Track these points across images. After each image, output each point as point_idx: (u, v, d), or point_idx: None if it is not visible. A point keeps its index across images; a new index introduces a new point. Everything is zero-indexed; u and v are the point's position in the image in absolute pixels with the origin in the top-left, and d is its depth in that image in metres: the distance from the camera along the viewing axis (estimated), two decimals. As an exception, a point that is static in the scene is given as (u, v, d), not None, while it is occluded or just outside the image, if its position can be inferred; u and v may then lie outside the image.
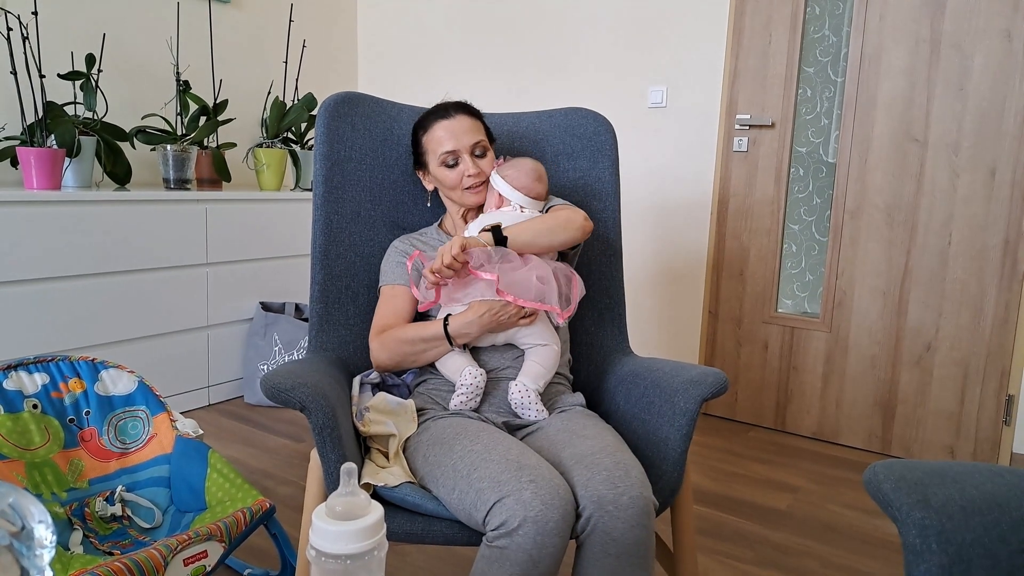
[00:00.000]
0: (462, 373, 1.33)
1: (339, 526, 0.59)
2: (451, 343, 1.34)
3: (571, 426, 1.26)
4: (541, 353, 1.38)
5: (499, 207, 1.45)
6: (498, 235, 1.35)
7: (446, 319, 1.34)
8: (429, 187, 1.53)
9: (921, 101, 2.37)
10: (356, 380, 1.39)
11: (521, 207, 1.42)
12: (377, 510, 0.62)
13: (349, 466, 0.63)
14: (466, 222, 1.50)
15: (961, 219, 2.34)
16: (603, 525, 1.06)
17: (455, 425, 1.24)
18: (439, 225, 1.56)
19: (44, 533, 0.39)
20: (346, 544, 0.59)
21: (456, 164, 1.44)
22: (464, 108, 1.48)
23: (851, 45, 2.47)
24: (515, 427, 1.34)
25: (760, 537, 1.92)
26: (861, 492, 2.23)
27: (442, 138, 1.44)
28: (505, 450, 1.12)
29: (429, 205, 1.61)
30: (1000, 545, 0.81)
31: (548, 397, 1.39)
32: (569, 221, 1.39)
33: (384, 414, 1.31)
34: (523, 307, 1.32)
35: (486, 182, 1.46)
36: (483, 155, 1.46)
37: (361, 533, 0.60)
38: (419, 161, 1.51)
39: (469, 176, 1.44)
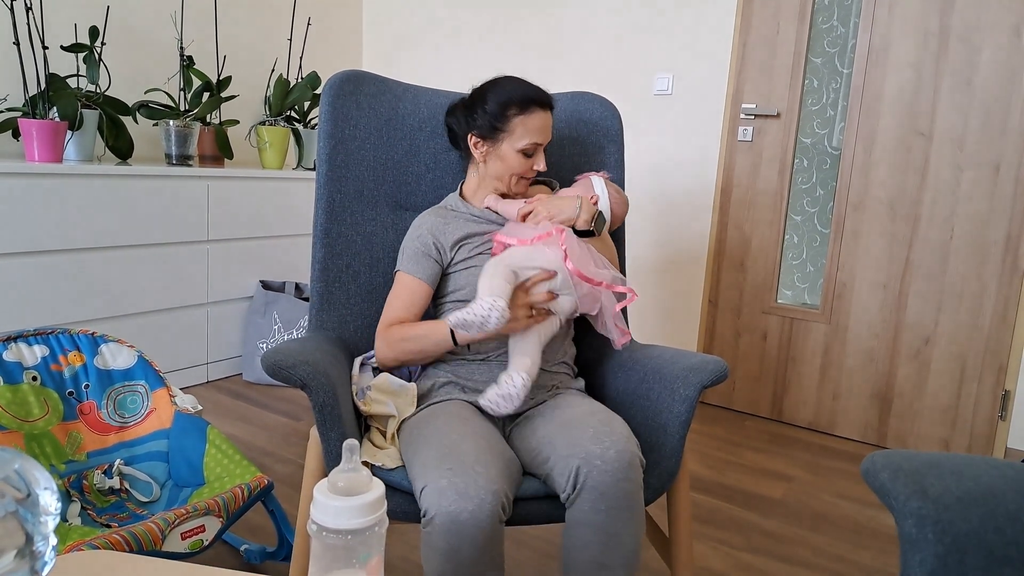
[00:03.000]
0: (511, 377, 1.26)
1: (341, 501, 0.60)
2: (455, 343, 1.32)
3: (560, 403, 1.31)
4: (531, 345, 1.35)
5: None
6: (599, 222, 1.41)
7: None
8: (479, 157, 1.45)
9: (928, 95, 2.36)
10: (357, 360, 1.40)
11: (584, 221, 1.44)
12: (379, 487, 0.63)
13: (351, 442, 0.63)
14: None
15: (963, 214, 2.34)
16: (592, 480, 1.09)
17: (436, 410, 1.27)
18: (461, 195, 1.51)
19: (50, 500, 0.39)
20: (348, 519, 0.60)
21: (532, 155, 1.42)
22: (552, 104, 1.45)
23: (859, 37, 2.45)
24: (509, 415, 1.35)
25: (754, 525, 1.93)
26: (855, 483, 2.24)
27: (538, 128, 1.41)
28: (447, 433, 1.15)
29: (464, 172, 1.56)
30: (995, 536, 0.82)
31: (552, 386, 1.40)
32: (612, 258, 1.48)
33: (386, 394, 1.31)
34: (540, 307, 1.33)
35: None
36: (545, 150, 1.47)
37: (363, 509, 0.60)
38: (490, 130, 1.41)
39: (535, 169, 1.44)
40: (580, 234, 1.38)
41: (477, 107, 1.43)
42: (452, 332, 1.29)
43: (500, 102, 1.40)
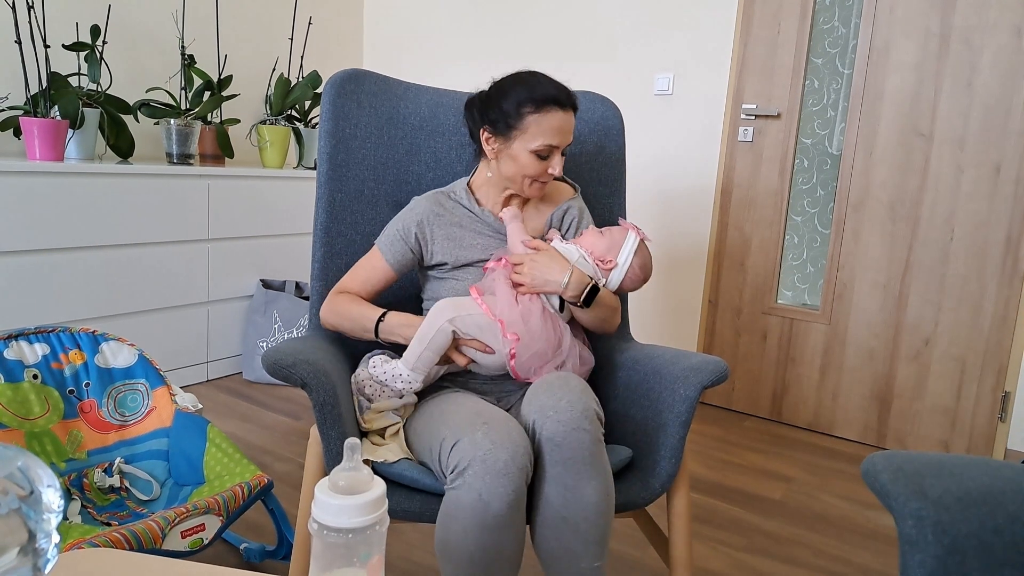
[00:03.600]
0: (385, 370, 1.29)
1: (342, 500, 0.60)
2: (376, 336, 1.32)
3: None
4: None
5: (582, 244, 1.38)
6: (590, 294, 1.31)
7: (384, 313, 1.33)
8: (491, 154, 1.38)
9: (928, 95, 2.36)
10: (365, 360, 1.38)
11: (598, 265, 1.36)
12: (379, 485, 0.63)
13: (353, 441, 0.63)
14: (504, 205, 1.44)
15: (964, 215, 2.34)
16: (547, 431, 1.10)
17: (440, 397, 1.31)
18: (468, 185, 1.46)
19: (53, 497, 0.40)
20: (349, 518, 0.59)
21: (547, 158, 1.34)
22: (575, 103, 1.36)
23: (860, 37, 2.45)
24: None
25: (753, 525, 1.93)
26: (854, 483, 2.24)
27: (554, 129, 1.31)
28: (472, 404, 1.19)
29: (474, 168, 1.50)
30: (995, 538, 0.82)
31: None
32: (615, 318, 1.41)
33: (385, 411, 1.31)
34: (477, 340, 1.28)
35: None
36: (564, 153, 1.38)
37: (364, 507, 0.60)
38: (504, 127, 1.34)
39: (550, 173, 1.35)
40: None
41: (493, 101, 1.36)
42: (376, 333, 1.32)
43: (516, 98, 1.32)
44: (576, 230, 1.47)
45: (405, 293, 1.53)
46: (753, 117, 2.66)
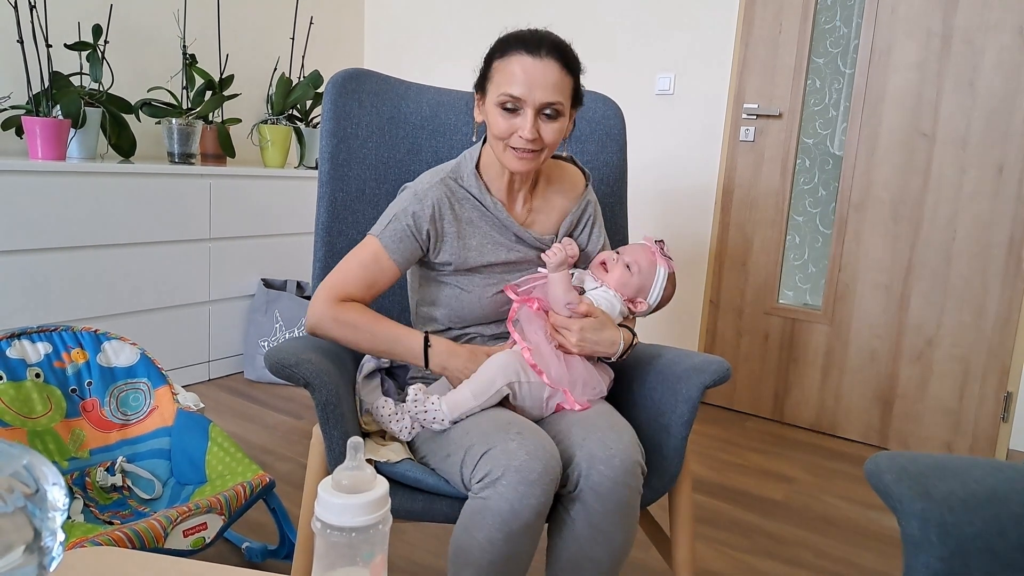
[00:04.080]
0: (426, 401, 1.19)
1: (345, 499, 0.59)
2: (426, 365, 1.20)
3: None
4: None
5: (606, 279, 1.31)
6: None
7: (427, 337, 1.21)
8: (478, 118, 1.25)
9: (930, 95, 2.36)
10: (363, 364, 1.38)
11: (628, 306, 1.32)
12: (383, 484, 0.62)
13: (356, 440, 0.63)
14: (512, 188, 1.30)
15: (967, 215, 2.33)
16: (592, 482, 1.08)
17: None
18: (476, 167, 1.29)
19: (58, 495, 0.39)
20: (352, 517, 0.59)
21: (515, 112, 1.16)
22: (559, 52, 1.17)
23: (862, 37, 2.45)
24: None
25: (756, 526, 1.93)
26: (857, 484, 2.24)
27: (514, 76, 1.15)
28: (496, 414, 1.16)
29: (474, 140, 1.37)
30: (999, 539, 0.81)
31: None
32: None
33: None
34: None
35: (542, 150, 1.20)
36: (553, 118, 1.17)
37: (367, 506, 0.60)
38: (482, 82, 1.23)
39: (521, 137, 1.16)
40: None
41: (483, 65, 1.25)
42: (426, 355, 1.19)
43: (492, 48, 1.21)
44: (593, 228, 1.39)
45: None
46: (754, 117, 2.65)
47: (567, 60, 1.18)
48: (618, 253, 1.34)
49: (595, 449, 1.10)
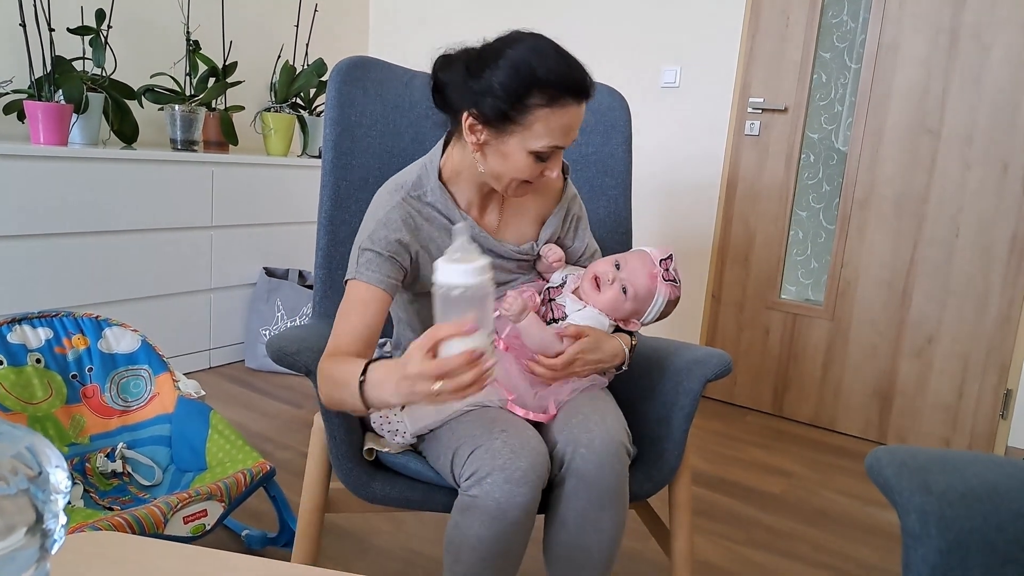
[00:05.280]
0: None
1: (463, 265, 0.83)
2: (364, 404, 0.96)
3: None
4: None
5: (593, 299, 1.22)
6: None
7: (365, 368, 0.96)
8: (474, 146, 1.10)
9: (937, 92, 2.34)
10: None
11: (613, 320, 1.24)
12: (484, 259, 0.86)
13: (460, 226, 0.88)
14: (482, 205, 1.22)
15: (970, 213, 2.33)
16: (575, 466, 1.07)
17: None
18: (441, 179, 1.18)
19: (61, 478, 0.39)
20: (471, 276, 0.84)
21: (546, 159, 1.08)
22: (590, 94, 1.07)
23: (869, 32, 2.44)
24: None
25: (754, 520, 1.94)
26: (855, 479, 2.24)
27: (565, 128, 1.06)
28: (483, 412, 1.15)
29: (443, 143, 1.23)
30: (998, 534, 0.82)
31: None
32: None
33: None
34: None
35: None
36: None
37: (479, 269, 0.85)
38: (498, 116, 1.05)
39: (543, 177, 1.11)
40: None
41: (486, 75, 1.05)
42: (362, 392, 0.96)
43: (520, 80, 1.02)
44: (578, 225, 1.32)
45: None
46: (760, 111, 2.64)
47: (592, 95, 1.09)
48: (616, 267, 1.23)
49: (577, 432, 1.09)
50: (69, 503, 1.38)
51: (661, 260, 1.23)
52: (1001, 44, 2.23)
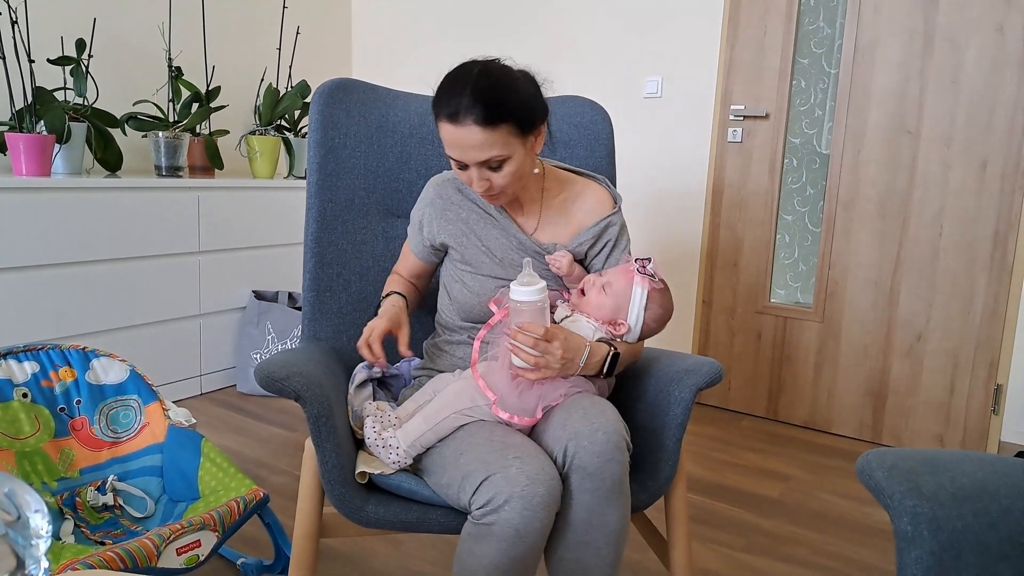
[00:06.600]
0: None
1: (528, 287, 1.15)
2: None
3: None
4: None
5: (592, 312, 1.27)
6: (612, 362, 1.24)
7: (386, 296, 1.38)
8: None
9: (914, 94, 2.37)
10: (355, 374, 1.38)
11: (608, 331, 1.27)
12: (541, 282, 1.17)
13: (527, 260, 1.18)
14: (519, 205, 1.36)
15: (952, 211, 2.35)
16: (579, 459, 1.09)
17: (457, 421, 1.24)
18: None
19: (40, 522, 0.39)
20: (536, 294, 1.15)
21: (465, 168, 1.21)
22: (479, 109, 1.13)
23: (845, 37, 2.47)
24: None
25: (752, 525, 1.93)
26: (852, 481, 2.24)
27: (449, 143, 1.19)
28: (489, 433, 1.15)
29: None
30: (990, 532, 0.82)
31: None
32: (639, 355, 1.38)
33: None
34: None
35: (502, 191, 1.24)
36: (498, 168, 1.20)
37: (539, 290, 1.15)
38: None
39: (476, 188, 1.24)
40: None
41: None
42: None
43: (433, 100, 1.21)
44: (612, 250, 1.36)
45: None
46: (742, 118, 2.67)
47: (489, 115, 1.14)
48: (600, 275, 1.31)
49: (579, 425, 1.10)
50: (59, 539, 1.36)
51: (637, 259, 1.29)
52: (975, 46, 2.26)
